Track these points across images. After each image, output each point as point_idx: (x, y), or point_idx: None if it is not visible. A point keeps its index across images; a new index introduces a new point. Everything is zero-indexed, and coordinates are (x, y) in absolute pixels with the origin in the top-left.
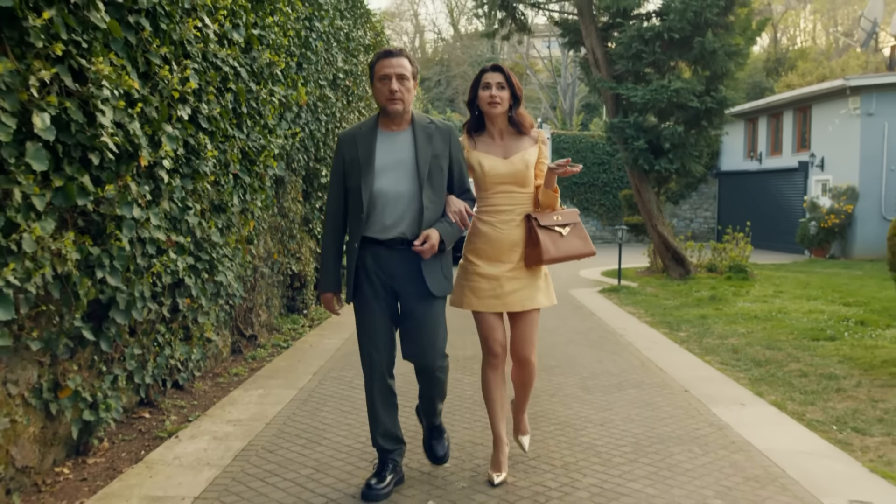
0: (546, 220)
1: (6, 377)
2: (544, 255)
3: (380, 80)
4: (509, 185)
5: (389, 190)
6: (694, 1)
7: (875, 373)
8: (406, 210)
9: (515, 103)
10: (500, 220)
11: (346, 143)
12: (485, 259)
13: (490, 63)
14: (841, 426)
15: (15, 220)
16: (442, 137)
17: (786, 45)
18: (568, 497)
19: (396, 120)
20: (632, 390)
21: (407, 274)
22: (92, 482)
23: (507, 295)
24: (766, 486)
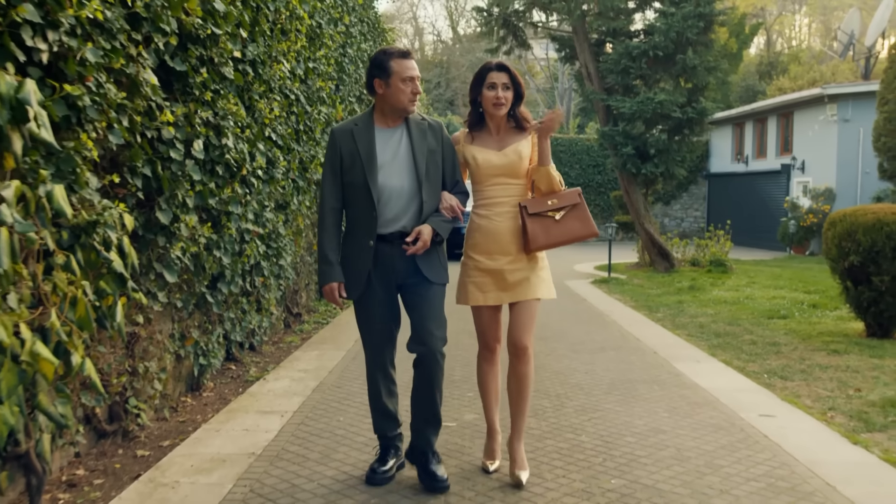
0: (536, 207)
1: (159, 328)
2: (531, 244)
3: (403, 81)
4: (503, 178)
5: (391, 185)
6: (676, 22)
7: (811, 341)
8: (407, 205)
9: (517, 101)
10: (496, 212)
11: (342, 138)
12: (484, 253)
13: (495, 61)
14: (770, 375)
15: (178, 213)
16: (434, 134)
17: (780, 48)
18: (559, 411)
19: (392, 117)
20: (611, 352)
21: (407, 267)
22: (211, 406)
23: (510, 287)
24: (702, 407)
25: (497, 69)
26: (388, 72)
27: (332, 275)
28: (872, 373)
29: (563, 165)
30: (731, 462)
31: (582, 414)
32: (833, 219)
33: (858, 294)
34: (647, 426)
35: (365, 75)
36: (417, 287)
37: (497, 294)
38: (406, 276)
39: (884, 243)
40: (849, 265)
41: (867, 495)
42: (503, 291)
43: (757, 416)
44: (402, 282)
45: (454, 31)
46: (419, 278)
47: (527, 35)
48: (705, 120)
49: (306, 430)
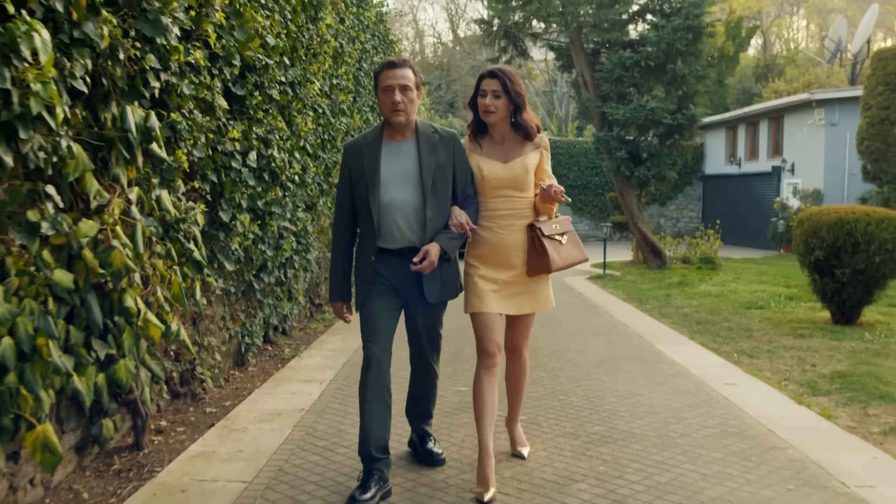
0: (548, 230)
1: (214, 311)
2: (553, 266)
3: (383, 90)
4: (508, 190)
5: (397, 200)
6: (666, 34)
7: (781, 327)
8: (413, 220)
9: (517, 109)
10: (500, 224)
11: (351, 154)
12: (486, 264)
13: (491, 67)
14: (740, 354)
15: (235, 213)
16: (445, 146)
17: (778, 50)
18: (553, 380)
19: (400, 130)
20: (602, 336)
21: (415, 281)
22: (257, 378)
23: (508, 298)
24: (676, 377)
25: (489, 76)
26: (376, 84)
27: (339, 293)
28: (829, 352)
29: (562, 168)
30: (694, 415)
31: (573, 382)
32: (801, 217)
33: (823, 285)
34: (627, 391)
35: None
36: (423, 303)
37: (497, 303)
38: (414, 290)
39: (844, 240)
40: (814, 259)
41: (799, 438)
42: (502, 301)
43: (722, 384)
44: (409, 295)
45: (454, 34)
46: (421, 298)
47: (526, 45)
48: (695, 125)
49: (343, 393)
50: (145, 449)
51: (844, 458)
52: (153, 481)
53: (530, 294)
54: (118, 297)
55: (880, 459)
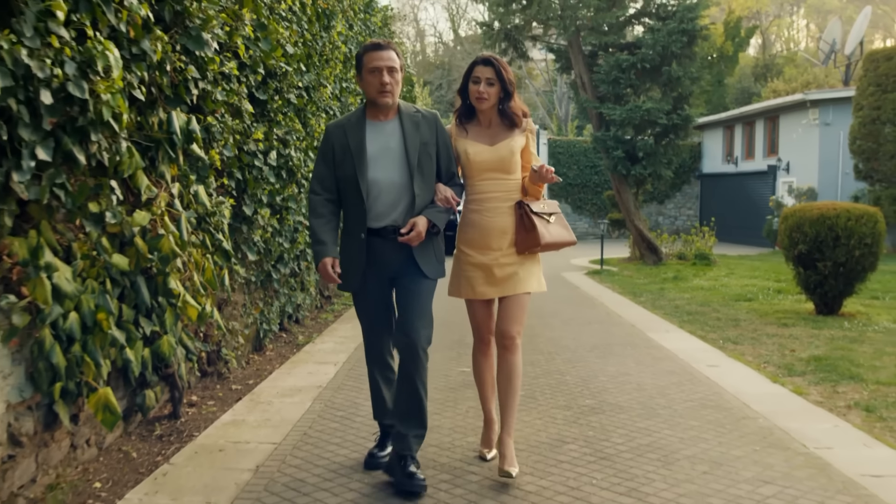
0: (537, 207)
1: (237, 299)
2: (541, 240)
3: (370, 72)
4: (495, 172)
5: (382, 179)
6: (662, 37)
7: (767, 317)
8: (398, 199)
9: (506, 97)
10: (488, 207)
11: (335, 134)
12: (476, 248)
13: (484, 55)
14: (725, 341)
15: (257, 208)
16: (428, 125)
17: (778, 50)
18: (550, 362)
19: (384, 110)
20: (596, 325)
21: (399, 261)
22: (275, 361)
23: (500, 281)
24: (663, 360)
25: (483, 63)
26: (360, 65)
27: (324, 252)
28: (809, 339)
29: (562, 166)
30: (677, 392)
31: (567, 364)
32: (786, 213)
33: (807, 277)
34: (617, 371)
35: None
36: (408, 281)
37: (488, 289)
38: (398, 270)
39: (826, 234)
40: (798, 253)
41: (770, 410)
42: (494, 286)
43: (705, 366)
44: (394, 275)
45: (455, 33)
46: (412, 272)
47: (526, 47)
48: (689, 126)
49: (356, 373)
50: (182, 418)
51: (808, 426)
52: (193, 443)
53: (521, 275)
54: (162, 280)
55: (840, 427)
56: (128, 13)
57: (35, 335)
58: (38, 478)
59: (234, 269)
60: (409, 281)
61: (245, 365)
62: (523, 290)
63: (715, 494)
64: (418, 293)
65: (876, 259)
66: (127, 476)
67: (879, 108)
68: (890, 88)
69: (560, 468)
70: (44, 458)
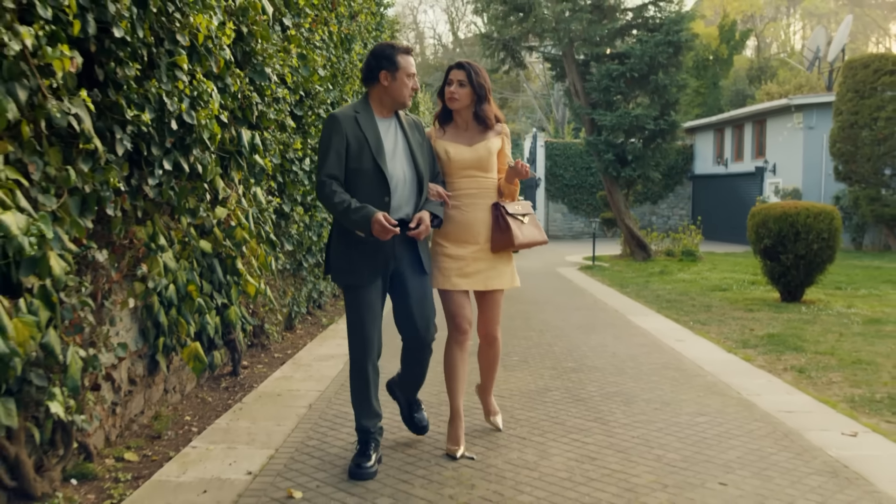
0: (512, 209)
1: (275, 283)
2: (515, 241)
3: (408, 76)
4: (473, 171)
5: (397, 174)
6: (649, 48)
7: (736, 304)
8: (410, 194)
9: (479, 100)
10: (466, 203)
11: (346, 123)
12: (451, 241)
13: (458, 60)
14: (695, 322)
15: (293, 206)
16: (418, 128)
17: (773, 52)
18: (540, 338)
19: (389, 108)
20: (584, 311)
21: (406, 253)
22: (305, 337)
23: (473, 274)
24: (638, 336)
25: (456, 67)
26: (396, 65)
27: (370, 212)
28: (769, 321)
29: (559, 168)
30: (645, 358)
31: (556, 338)
32: (752, 212)
33: (772, 269)
34: (597, 344)
35: (365, 66)
36: (414, 278)
37: (461, 280)
38: (404, 264)
39: (788, 230)
40: (763, 247)
41: (718, 370)
42: (467, 278)
43: (674, 340)
44: (399, 268)
45: (455, 36)
46: (416, 268)
47: (523, 57)
48: (676, 130)
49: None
50: (240, 375)
51: (747, 381)
52: (255, 391)
53: (495, 271)
54: (231, 262)
55: (773, 382)
56: (217, 56)
57: (144, 301)
58: (144, 411)
59: (280, 257)
60: (415, 277)
61: (281, 339)
62: (495, 286)
63: (661, 421)
64: (425, 289)
65: (833, 252)
66: (208, 413)
67: (857, 113)
68: (867, 95)
69: (545, 406)
70: (148, 396)
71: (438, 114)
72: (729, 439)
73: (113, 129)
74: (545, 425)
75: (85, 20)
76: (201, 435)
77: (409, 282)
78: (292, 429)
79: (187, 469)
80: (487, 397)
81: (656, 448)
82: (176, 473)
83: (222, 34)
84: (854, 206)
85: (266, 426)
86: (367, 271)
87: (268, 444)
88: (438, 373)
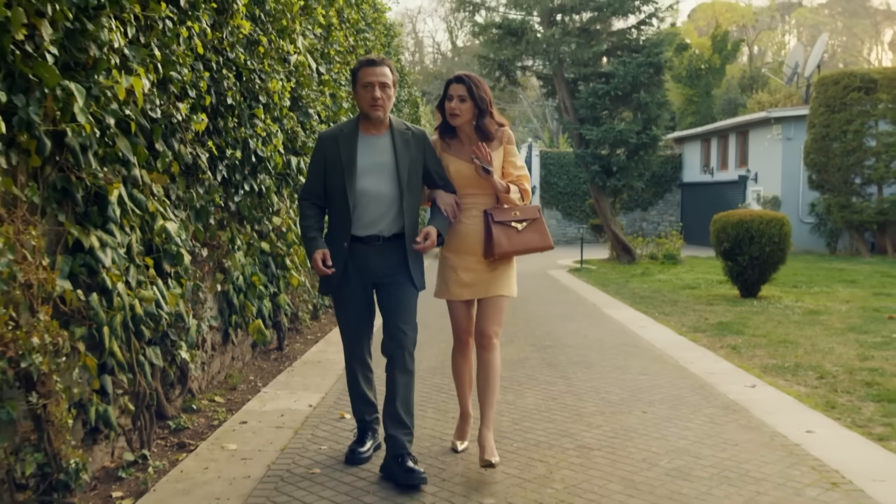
0: (502, 216)
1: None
2: (496, 249)
3: (363, 87)
4: (474, 188)
5: (371, 190)
6: (632, 69)
7: (700, 299)
8: (386, 210)
9: (481, 113)
10: (467, 216)
11: (327, 143)
12: (454, 252)
13: (458, 73)
14: (660, 314)
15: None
16: (417, 143)
17: (770, 60)
18: (527, 326)
19: (376, 124)
20: (567, 305)
21: (382, 268)
22: (327, 325)
23: (472, 284)
24: (608, 323)
25: (456, 81)
26: (354, 80)
27: (315, 246)
28: (724, 313)
29: (553, 176)
30: (610, 339)
31: (538, 325)
32: (714, 219)
33: (731, 268)
34: (573, 329)
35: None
36: (395, 288)
37: (462, 290)
38: (382, 276)
39: (744, 234)
40: (723, 249)
41: (666, 347)
42: (467, 287)
43: (637, 326)
44: (377, 280)
45: (453, 45)
46: (398, 279)
47: (517, 76)
48: (657, 144)
49: None
50: (284, 350)
51: (687, 354)
52: (299, 360)
53: (494, 278)
54: (281, 259)
55: (707, 355)
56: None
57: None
58: (220, 371)
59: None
60: (396, 288)
61: (310, 325)
62: (496, 292)
63: (611, 378)
64: (404, 299)
65: (784, 254)
66: (266, 374)
67: (828, 126)
68: (837, 109)
69: (524, 369)
70: (221, 361)
71: (439, 127)
72: (658, 389)
73: (216, 163)
74: (523, 380)
75: (210, 94)
76: (267, 386)
77: (386, 294)
78: (334, 382)
79: (266, 404)
80: (486, 432)
81: (602, 393)
82: (258, 407)
83: (284, 91)
84: (827, 213)
85: (314, 380)
86: (335, 281)
87: (319, 390)
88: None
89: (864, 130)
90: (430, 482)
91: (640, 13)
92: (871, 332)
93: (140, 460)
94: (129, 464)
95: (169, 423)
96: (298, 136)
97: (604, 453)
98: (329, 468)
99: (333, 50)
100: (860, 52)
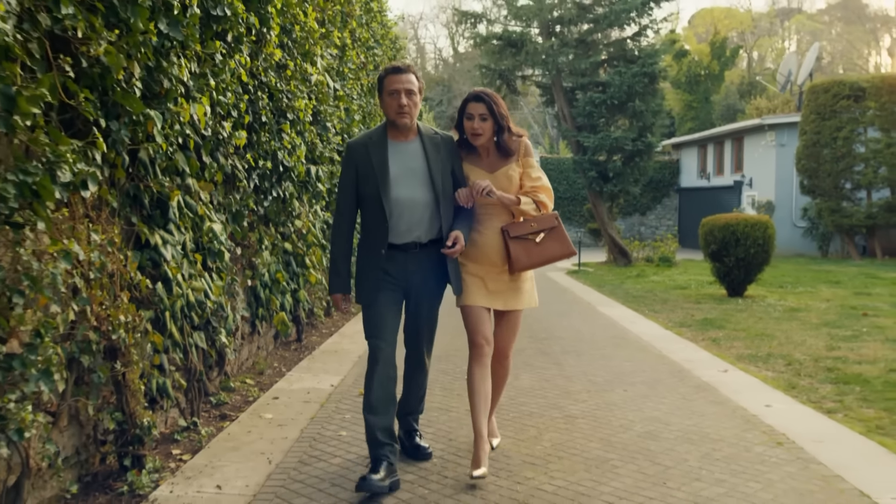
0: (518, 231)
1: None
2: (515, 265)
3: (389, 94)
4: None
5: (405, 197)
6: (627, 79)
7: (689, 298)
8: (421, 216)
9: (501, 130)
10: (486, 226)
11: (357, 152)
12: (472, 261)
13: (476, 90)
14: (650, 311)
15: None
16: (446, 147)
17: (769, 66)
18: (525, 321)
19: (404, 131)
20: (563, 304)
21: (419, 274)
22: (340, 321)
23: (493, 293)
24: (600, 319)
25: (475, 100)
26: (381, 88)
27: (339, 286)
28: (710, 310)
29: (553, 182)
30: (601, 332)
31: (536, 321)
32: (703, 222)
33: (718, 269)
34: (567, 325)
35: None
36: (425, 300)
37: (481, 297)
38: (417, 284)
39: (730, 237)
40: (711, 251)
41: (653, 339)
42: (487, 296)
43: (627, 322)
44: (411, 288)
45: (455, 51)
46: (429, 290)
47: (517, 85)
48: (652, 150)
49: None
50: (303, 342)
51: (670, 345)
52: (317, 350)
53: (513, 291)
54: (301, 259)
55: (689, 347)
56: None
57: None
58: (248, 358)
59: (325, 255)
60: (426, 300)
61: (325, 321)
62: (515, 306)
63: (598, 364)
64: (431, 315)
65: (768, 255)
66: (289, 362)
67: (819, 133)
68: (827, 116)
69: (520, 357)
70: (249, 349)
71: (458, 143)
72: (640, 373)
73: (250, 173)
74: (519, 366)
75: (248, 113)
76: (291, 371)
77: (418, 301)
78: (351, 367)
79: (293, 384)
80: (489, 417)
81: (590, 375)
82: (286, 386)
83: (308, 108)
84: (819, 217)
85: (333, 365)
86: (373, 293)
87: (338, 373)
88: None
89: (853, 137)
90: (439, 443)
91: (636, 24)
92: (844, 326)
93: (191, 426)
94: (182, 429)
95: (210, 398)
96: (317, 147)
97: (587, 421)
98: (353, 432)
99: (347, 68)
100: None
